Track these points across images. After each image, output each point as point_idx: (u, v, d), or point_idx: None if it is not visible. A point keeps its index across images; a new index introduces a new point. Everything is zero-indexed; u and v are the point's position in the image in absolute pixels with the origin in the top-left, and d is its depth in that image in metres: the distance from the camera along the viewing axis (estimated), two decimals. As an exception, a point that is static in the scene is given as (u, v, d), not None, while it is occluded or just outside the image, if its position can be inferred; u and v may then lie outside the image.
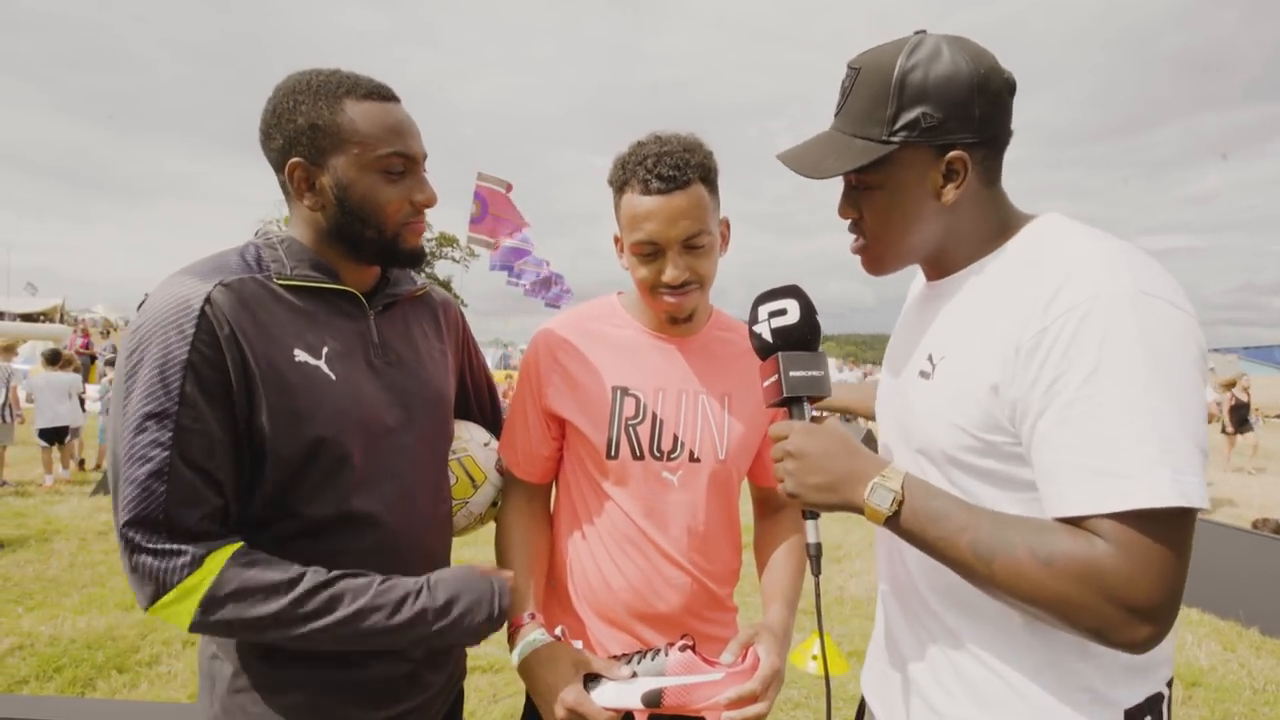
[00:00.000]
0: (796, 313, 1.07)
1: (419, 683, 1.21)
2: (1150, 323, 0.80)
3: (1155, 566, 0.77)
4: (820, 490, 0.96)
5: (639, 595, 1.33)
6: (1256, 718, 3.52)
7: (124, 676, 3.52)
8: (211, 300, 1.00)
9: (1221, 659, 4.18)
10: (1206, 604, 4.89)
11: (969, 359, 0.93)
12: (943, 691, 1.00)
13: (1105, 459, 0.78)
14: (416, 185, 1.15)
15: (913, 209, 0.98)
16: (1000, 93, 0.95)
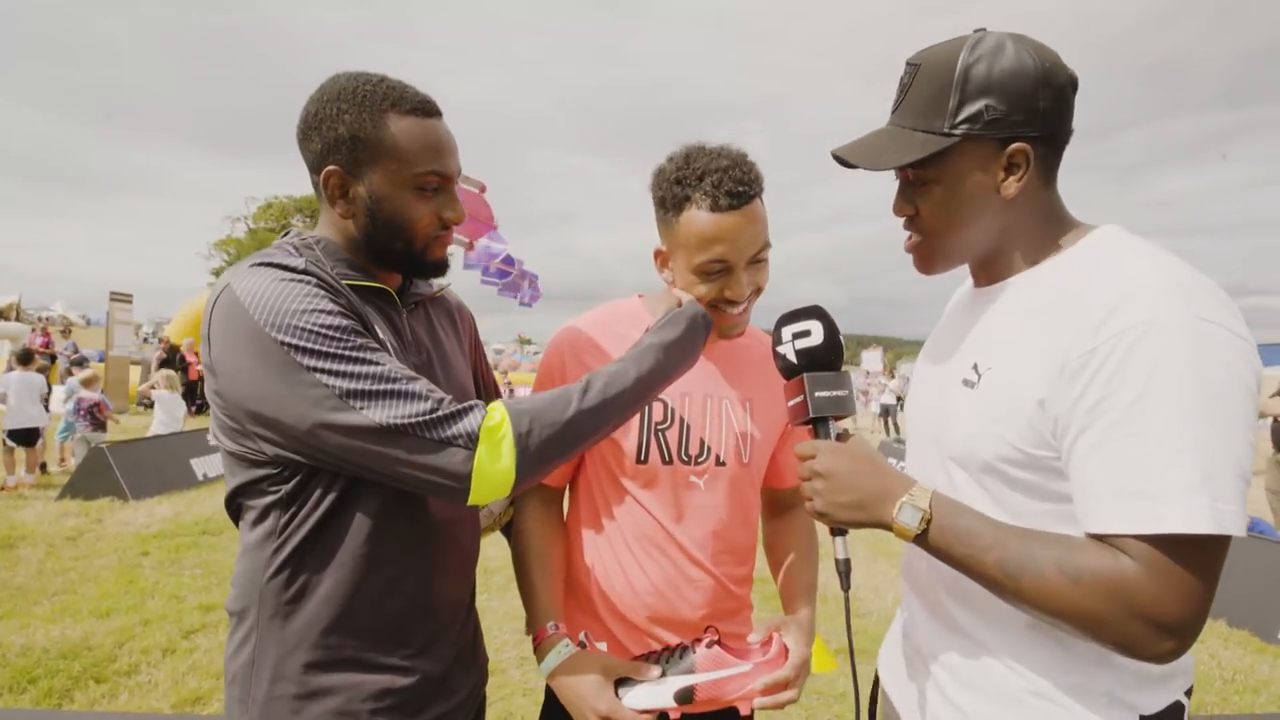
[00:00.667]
0: (820, 334, 1.08)
1: (449, 686, 1.20)
2: (1204, 350, 0.79)
3: (1183, 588, 0.79)
4: (848, 509, 0.97)
5: (663, 598, 1.33)
6: (1228, 706, 3.65)
7: (102, 687, 3.43)
8: (308, 270, 1.04)
9: (1193, 651, 4.30)
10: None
11: (1017, 373, 0.92)
12: (962, 687, 1.01)
13: (1143, 481, 0.79)
14: (447, 203, 1.15)
15: (973, 202, 0.98)
16: (1064, 88, 0.95)
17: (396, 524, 1.10)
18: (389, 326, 1.15)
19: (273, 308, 0.97)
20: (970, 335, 1.04)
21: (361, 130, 1.07)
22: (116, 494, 7.14)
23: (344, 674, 1.07)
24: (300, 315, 0.97)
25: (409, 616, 1.13)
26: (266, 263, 1.04)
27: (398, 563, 1.10)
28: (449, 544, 1.18)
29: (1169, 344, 0.79)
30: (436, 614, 1.17)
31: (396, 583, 1.10)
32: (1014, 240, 1.00)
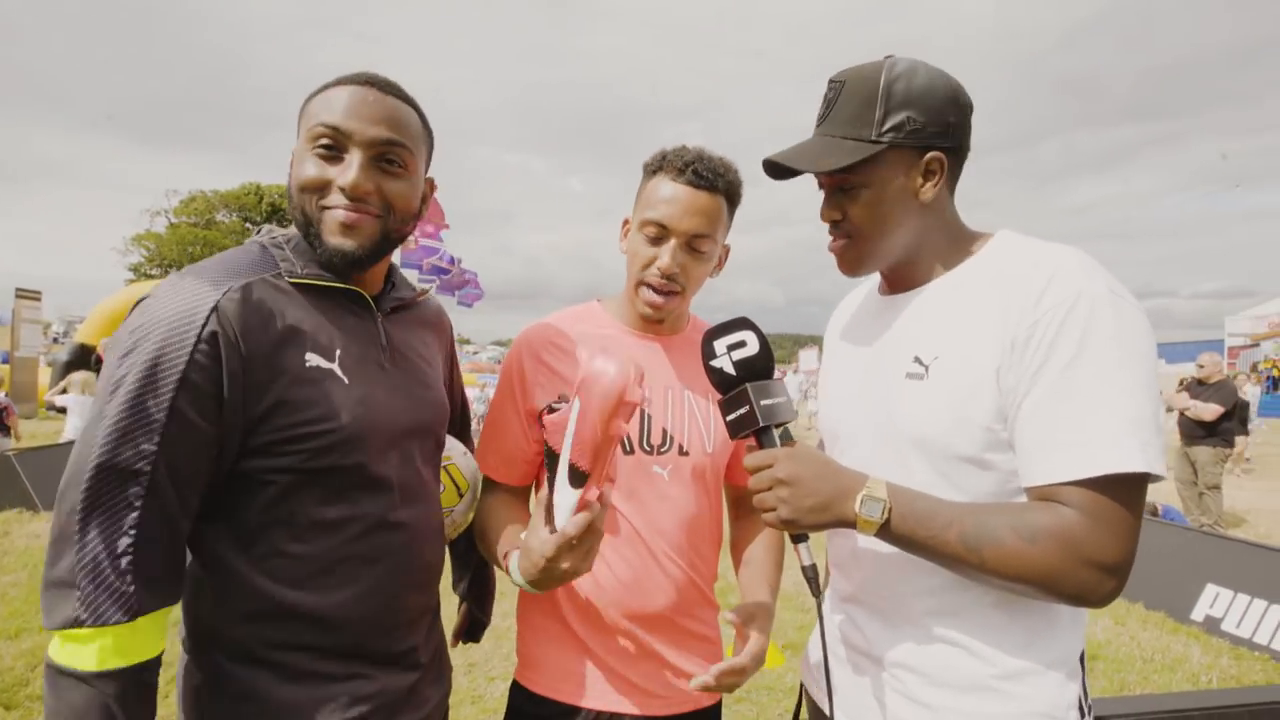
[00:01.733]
0: (756, 344, 1.08)
1: (419, 697, 1.16)
2: (1122, 318, 0.92)
3: (1119, 528, 0.89)
4: (814, 512, 0.98)
5: (629, 593, 1.32)
6: (1148, 684, 3.87)
7: (13, 713, 3.19)
8: (219, 310, 0.95)
9: (1115, 633, 4.58)
10: (1098, 583, 5.33)
11: (970, 354, 0.99)
12: (927, 684, 1.04)
13: (1076, 431, 0.90)
14: (345, 168, 1.02)
15: (896, 207, 1.07)
16: (967, 108, 1.08)
17: (352, 540, 1.06)
18: (359, 334, 1.11)
19: (126, 328, 0.95)
20: (898, 334, 1.11)
21: (304, 104, 1.07)
22: (25, 505, 6.65)
23: (306, 687, 1.03)
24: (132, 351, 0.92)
25: (374, 629, 1.09)
26: (192, 276, 0.99)
27: (359, 578, 1.06)
28: (412, 558, 1.14)
29: (1096, 311, 0.91)
30: (402, 626, 1.13)
31: (360, 599, 1.06)
32: (930, 244, 1.11)
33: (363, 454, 1.05)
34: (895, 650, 1.08)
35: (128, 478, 0.89)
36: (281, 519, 1.02)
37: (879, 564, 1.10)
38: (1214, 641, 4.48)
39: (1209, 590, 4.78)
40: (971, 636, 1.01)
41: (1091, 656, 4.14)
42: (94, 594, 0.87)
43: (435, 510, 1.23)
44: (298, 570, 1.02)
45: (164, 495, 0.91)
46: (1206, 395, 7.22)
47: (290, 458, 1.00)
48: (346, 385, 1.05)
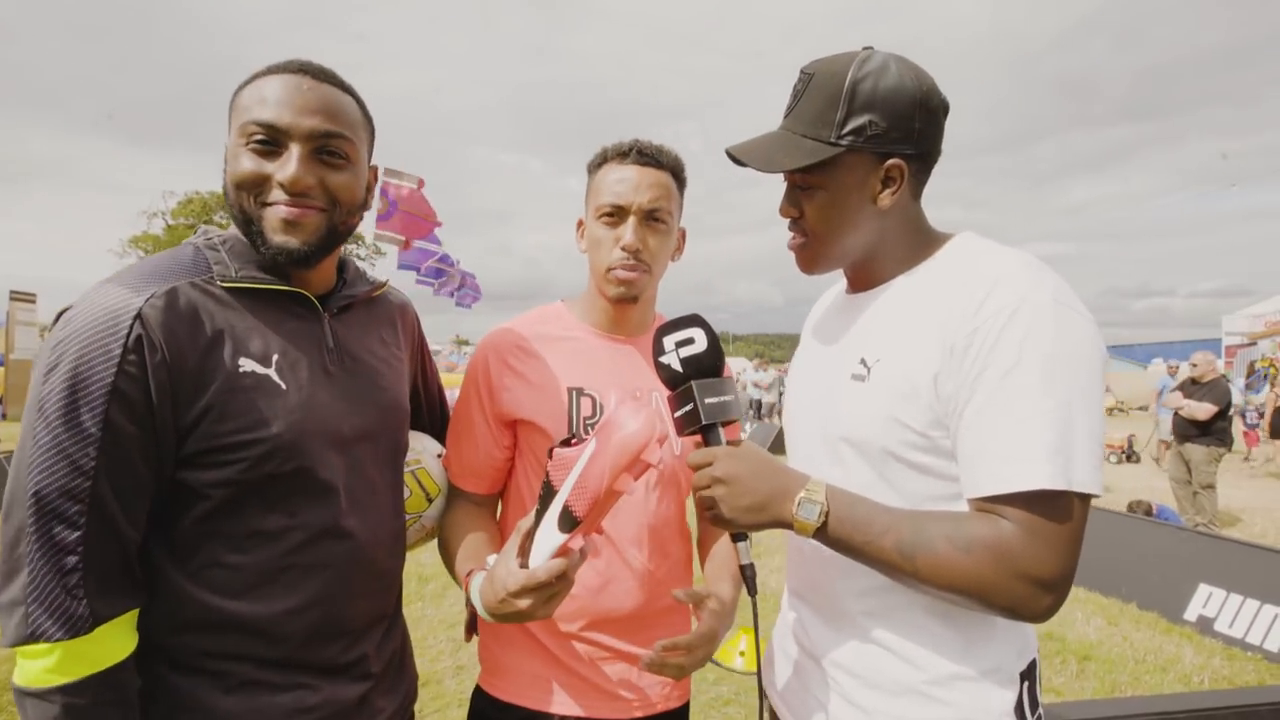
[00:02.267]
0: (704, 341, 1.08)
1: (370, 706, 1.14)
2: (1064, 328, 0.89)
3: (1056, 543, 0.87)
4: (751, 511, 0.98)
5: (597, 597, 1.31)
6: (1140, 685, 3.86)
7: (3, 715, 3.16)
8: (142, 316, 0.92)
9: (1108, 633, 4.56)
10: (1092, 583, 5.33)
11: (909, 358, 0.98)
12: (862, 686, 1.04)
13: (1012, 445, 0.88)
14: (282, 162, 0.99)
15: (851, 210, 1.05)
16: (937, 111, 1.03)
17: (294, 549, 1.03)
18: (300, 336, 1.07)
19: (49, 342, 0.92)
20: (852, 334, 1.10)
21: (234, 98, 1.03)
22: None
23: (247, 697, 1.01)
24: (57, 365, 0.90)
25: (319, 639, 1.07)
26: (114, 283, 0.96)
27: (301, 588, 1.04)
28: (360, 566, 1.11)
29: (1037, 320, 0.89)
30: (350, 635, 1.11)
31: (303, 609, 1.04)
32: (888, 247, 1.08)
33: (303, 461, 1.02)
34: (834, 650, 1.09)
35: (68, 495, 0.88)
36: (219, 531, 0.99)
37: (820, 563, 1.10)
38: (1207, 642, 4.47)
39: (1202, 590, 4.77)
40: (905, 640, 1.01)
41: (1083, 657, 4.13)
42: (45, 612, 0.87)
43: (390, 517, 1.20)
44: (237, 581, 1.00)
45: (107, 508, 0.90)
46: (1200, 394, 7.22)
47: (226, 469, 0.97)
48: (284, 391, 1.02)
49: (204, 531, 0.99)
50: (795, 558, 1.19)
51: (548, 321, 1.44)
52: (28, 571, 0.87)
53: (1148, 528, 5.56)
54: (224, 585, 1.00)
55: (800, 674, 1.16)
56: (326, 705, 1.06)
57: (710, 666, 3.75)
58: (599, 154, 1.38)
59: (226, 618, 1.00)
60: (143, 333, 0.91)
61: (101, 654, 0.91)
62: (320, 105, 1.01)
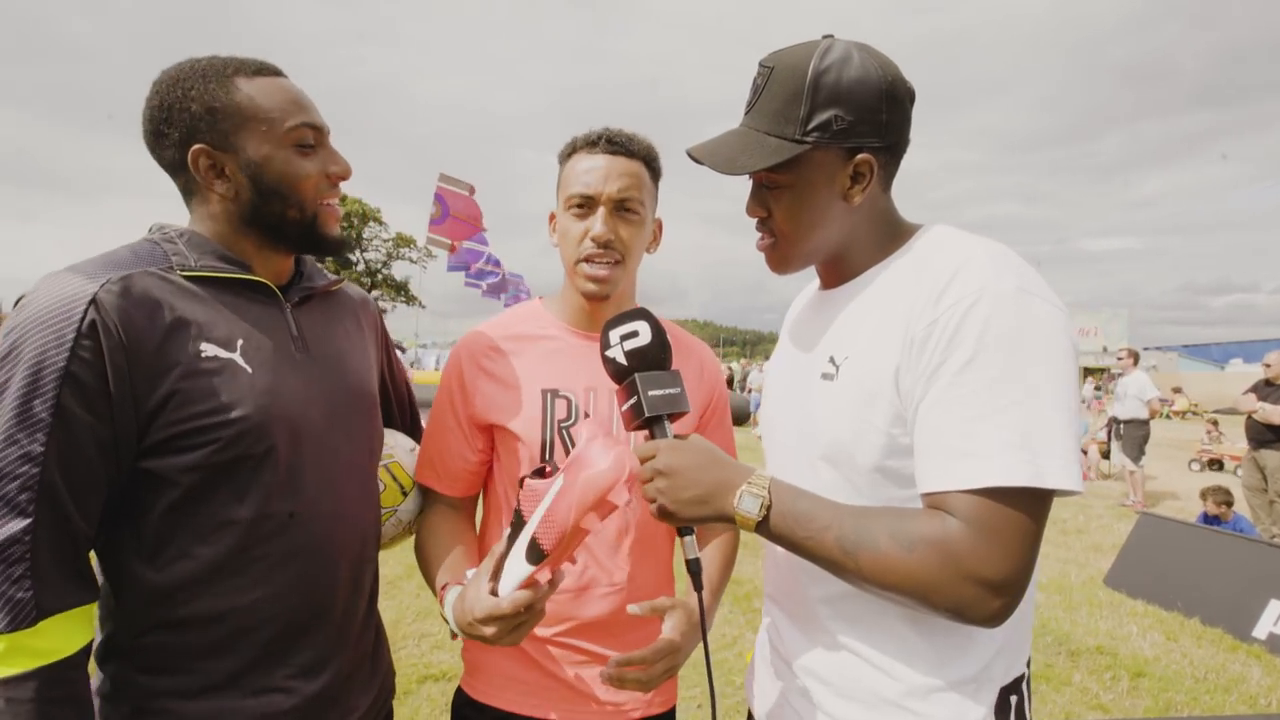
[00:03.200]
0: (648, 333, 1.06)
1: (345, 704, 1.13)
2: (1028, 318, 0.85)
3: (1004, 542, 0.82)
4: (692, 504, 0.95)
5: (575, 602, 1.28)
6: (1198, 705, 3.62)
7: None
8: (98, 302, 0.91)
9: (1165, 649, 4.30)
10: (1150, 595, 5.04)
11: (873, 354, 0.94)
12: (836, 696, 1.01)
13: (967, 440, 0.84)
14: (329, 157, 1.11)
15: (820, 209, 1.00)
16: (904, 101, 0.99)
17: (264, 539, 1.02)
18: (264, 323, 1.07)
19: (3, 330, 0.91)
20: (823, 333, 1.06)
21: (215, 100, 1.01)
22: None
23: (217, 698, 1.01)
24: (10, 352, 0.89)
25: (290, 632, 1.06)
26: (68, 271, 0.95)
27: (271, 580, 1.03)
28: (332, 555, 1.11)
29: (998, 309, 0.85)
30: (322, 631, 1.10)
31: (274, 601, 1.03)
32: (859, 242, 1.04)
33: (272, 445, 1.02)
34: (807, 658, 1.05)
35: (15, 481, 0.86)
36: (188, 521, 0.98)
37: (791, 566, 1.06)
38: (1278, 662, 4.17)
39: (1274, 606, 4.45)
40: (878, 649, 0.97)
41: (1137, 673, 3.91)
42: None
43: (363, 507, 1.19)
44: (205, 574, 0.99)
45: (57, 497, 0.89)
46: (1276, 397, 6.76)
47: (194, 453, 0.97)
48: (250, 374, 1.01)
49: (172, 523, 0.98)
50: (770, 561, 1.16)
51: (523, 321, 1.39)
52: None
53: (1214, 538, 5.23)
54: (193, 579, 0.99)
55: (777, 682, 1.13)
56: (300, 707, 1.06)
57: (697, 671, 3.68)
58: (569, 144, 1.34)
59: (196, 613, 0.99)
60: (97, 318, 0.90)
61: (47, 648, 0.88)
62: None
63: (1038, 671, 3.87)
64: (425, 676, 3.63)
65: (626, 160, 1.29)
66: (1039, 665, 3.96)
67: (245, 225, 1.07)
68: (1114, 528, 7.34)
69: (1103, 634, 4.47)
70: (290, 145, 1.05)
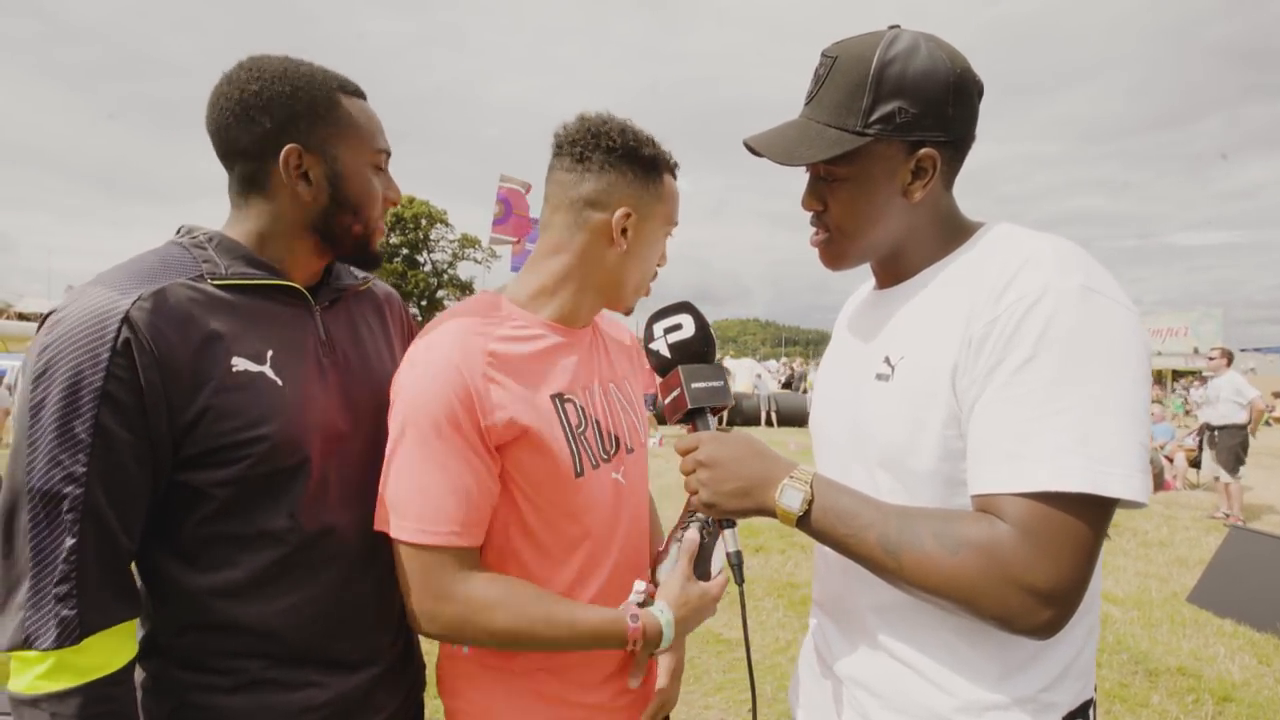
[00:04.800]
0: (692, 326, 1.07)
1: (373, 703, 1.14)
2: (1094, 317, 0.81)
3: (1054, 550, 0.78)
4: (734, 496, 0.96)
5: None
6: (1293, 736, 3.37)
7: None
8: (130, 319, 0.91)
9: (1256, 673, 4.02)
10: (1240, 614, 4.71)
11: (930, 354, 0.92)
12: (886, 708, 0.98)
13: (1020, 441, 0.80)
14: (390, 182, 1.18)
15: (879, 204, 0.98)
16: (972, 95, 0.96)
17: (297, 547, 1.03)
18: (293, 331, 1.08)
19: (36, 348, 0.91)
20: (878, 333, 1.03)
21: (319, 105, 1.06)
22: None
23: (254, 695, 1.03)
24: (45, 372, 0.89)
25: (323, 636, 1.07)
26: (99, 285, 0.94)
27: (306, 586, 1.05)
28: (363, 562, 1.11)
29: (1060, 308, 0.81)
30: (356, 632, 1.11)
31: (308, 606, 1.05)
32: (917, 240, 1.01)
33: (305, 456, 1.02)
34: (853, 667, 1.03)
35: (61, 502, 0.87)
36: (225, 531, 1.00)
37: (841, 573, 1.04)
38: (1385, 691, 3.84)
39: (1384, 631, 4.10)
40: (933, 661, 0.93)
41: (1223, 698, 3.67)
42: (37, 619, 0.86)
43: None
44: (244, 581, 1.00)
45: (101, 515, 0.89)
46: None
47: (229, 468, 0.97)
48: (280, 387, 1.02)
49: (210, 533, 0.99)
50: (820, 566, 1.14)
51: (501, 322, 1.16)
52: (30, 579, 0.87)
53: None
54: (231, 586, 1.00)
55: (823, 690, 1.11)
56: (335, 702, 1.08)
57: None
58: (653, 147, 1.19)
59: (234, 618, 1.00)
60: (131, 336, 0.90)
61: (91, 664, 0.89)
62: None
63: (1111, 690, 3.68)
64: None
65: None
66: (1113, 684, 3.76)
67: (306, 229, 1.09)
68: (1201, 541, 6.89)
69: (1185, 654, 4.21)
70: (370, 165, 1.11)
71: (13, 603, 0.88)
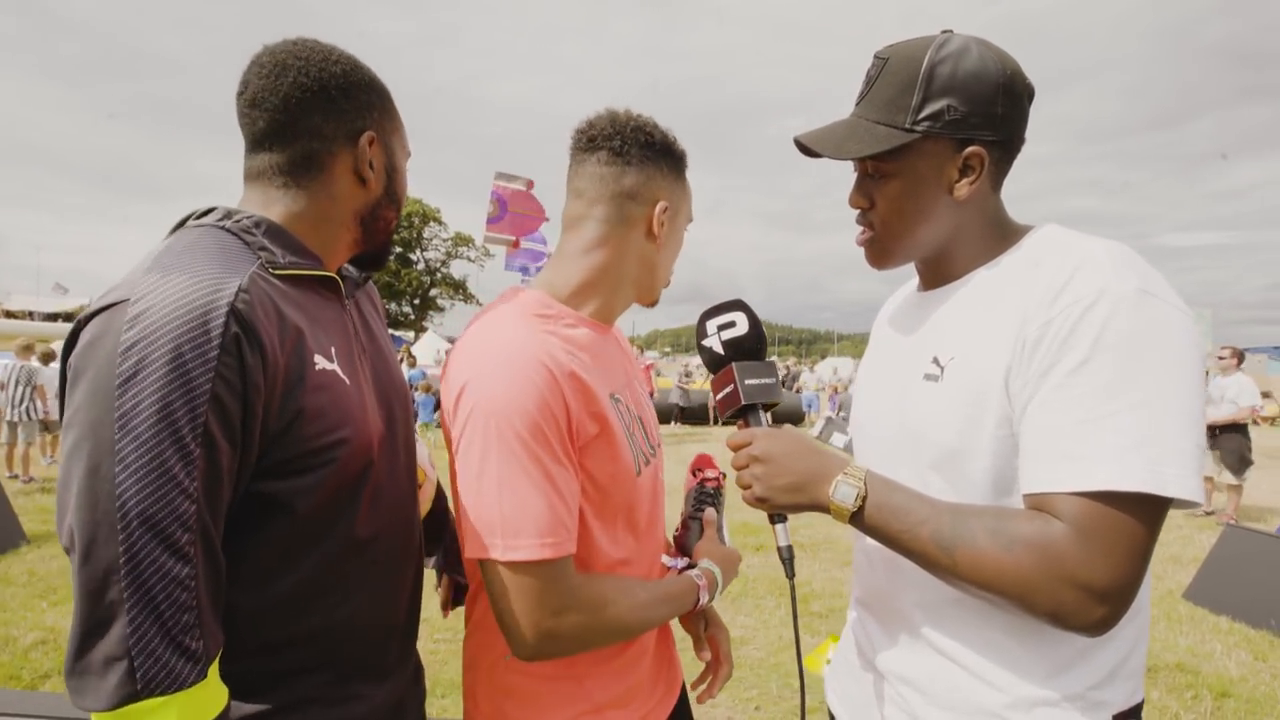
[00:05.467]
0: (745, 324, 1.09)
1: (402, 709, 1.12)
2: (1149, 320, 0.82)
3: (1109, 548, 0.79)
4: (788, 491, 0.97)
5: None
6: (1291, 731, 3.42)
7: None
8: (236, 312, 0.81)
9: (1252, 669, 4.07)
10: (1237, 612, 4.77)
11: (982, 355, 0.92)
12: (933, 705, 0.98)
13: (1077, 442, 0.81)
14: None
15: (926, 201, 0.99)
16: (1021, 96, 0.97)
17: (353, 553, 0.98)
18: (338, 326, 1.03)
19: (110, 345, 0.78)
20: (925, 333, 1.04)
21: (387, 99, 1.08)
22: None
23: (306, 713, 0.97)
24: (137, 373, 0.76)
25: (367, 648, 1.03)
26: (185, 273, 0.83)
27: (359, 593, 1.00)
28: (405, 562, 1.08)
29: (1116, 311, 0.82)
30: (397, 637, 1.09)
31: (361, 614, 1.01)
32: (964, 240, 1.02)
33: (370, 460, 0.98)
34: (898, 663, 1.03)
35: (178, 522, 0.77)
36: (291, 544, 0.92)
37: (886, 569, 1.05)
38: (1378, 686, 3.90)
39: (1375, 627, 4.17)
40: (981, 658, 0.94)
41: (1221, 694, 3.71)
42: (157, 661, 0.75)
43: (415, 506, 1.15)
44: (302, 598, 0.94)
45: (209, 535, 0.81)
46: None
47: (311, 475, 0.90)
48: (349, 386, 0.97)
49: (280, 546, 0.91)
50: (862, 563, 1.15)
51: (553, 319, 1.13)
52: (128, 619, 0.74)
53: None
54: (288, 603, 0.93)
55: (865, 687, 1.11)
56: (367, 715, 1.03)
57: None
58: (677, 145, 1.21)
59: (288, 637, 0.94)
60: (239, 331, 0.81)
61: (214, 698, 0.82)
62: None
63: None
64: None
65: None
66: (1113, 680, 3.80)
67: (354, 221, 1.05)
68: (1195, 539, 6.96)
69: (1183, 650, 4.25)
70: (406, 162, 1.12)
71: (100, 652, 0.75)
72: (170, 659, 0.76)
